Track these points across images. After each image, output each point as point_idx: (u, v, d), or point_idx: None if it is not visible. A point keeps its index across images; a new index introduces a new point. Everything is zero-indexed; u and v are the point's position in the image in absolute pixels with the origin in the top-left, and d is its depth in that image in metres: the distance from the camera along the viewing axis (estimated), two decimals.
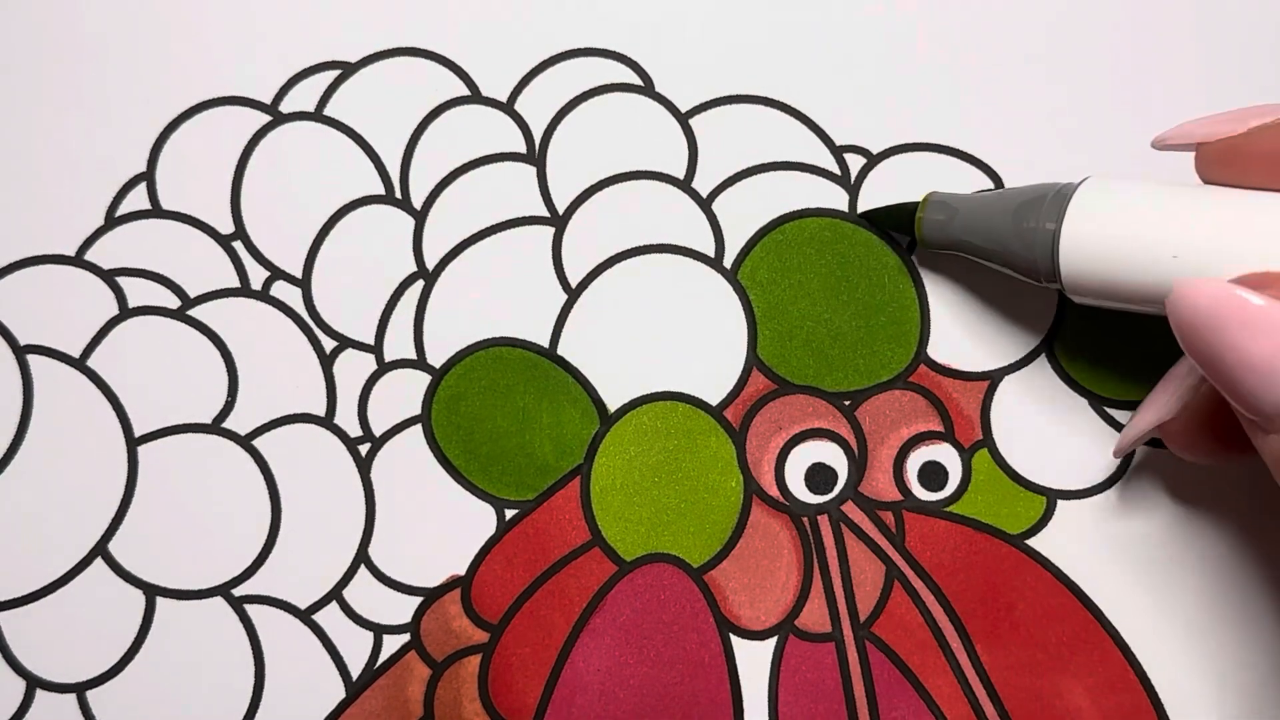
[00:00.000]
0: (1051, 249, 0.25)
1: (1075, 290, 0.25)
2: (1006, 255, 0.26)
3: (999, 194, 0.27)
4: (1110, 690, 0.28)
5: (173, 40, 0.31)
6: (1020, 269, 0.26)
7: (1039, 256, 0.25)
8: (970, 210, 0.27)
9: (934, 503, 0.29)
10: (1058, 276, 0.25)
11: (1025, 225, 0.25)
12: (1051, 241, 0.25)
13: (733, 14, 0.31)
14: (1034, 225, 0.25)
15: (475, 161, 0.30)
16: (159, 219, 0.30)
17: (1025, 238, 0.25)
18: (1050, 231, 0.25)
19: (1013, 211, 0.26)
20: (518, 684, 0.28)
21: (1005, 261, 0.26)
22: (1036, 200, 0.25)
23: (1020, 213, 0.26)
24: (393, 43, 0.31)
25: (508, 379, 0.29)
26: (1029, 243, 0.25)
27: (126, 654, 0.28)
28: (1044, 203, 0.25)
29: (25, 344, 0.29)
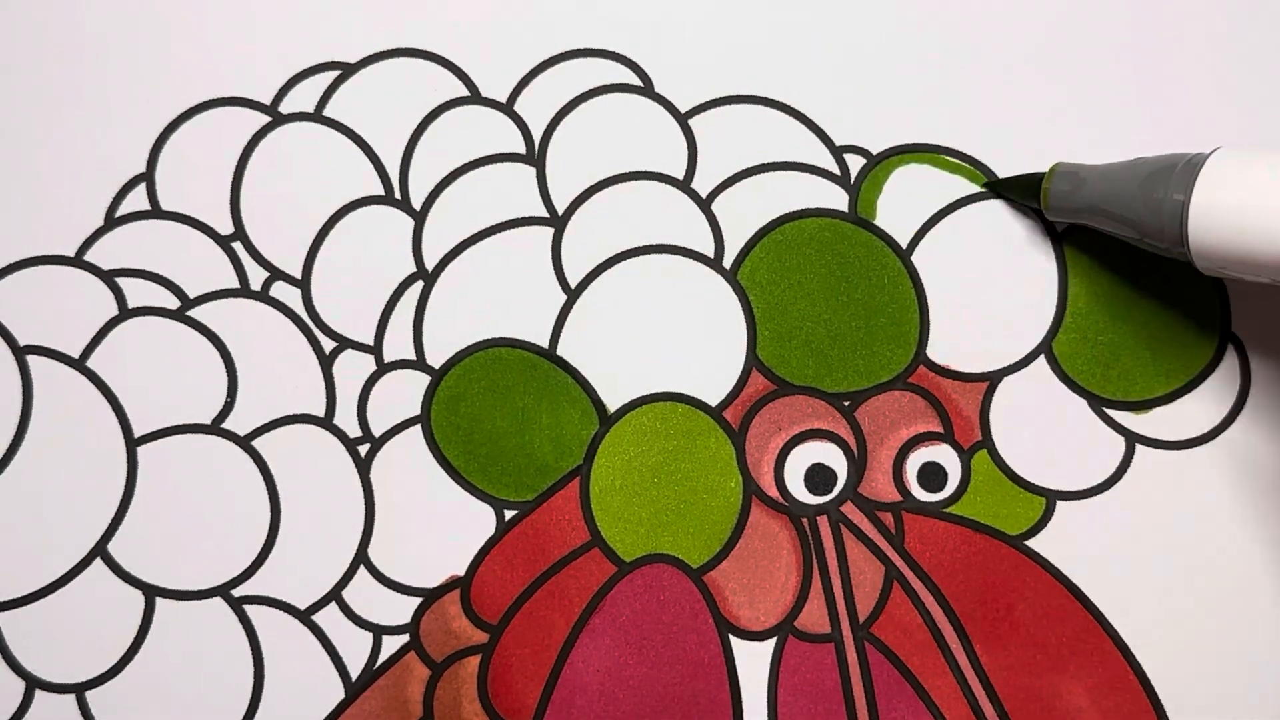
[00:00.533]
0: (1180, 219, 0.25)
1: (1204, 259, 0.25)
2: (1136, 224, 0.26)
3: (1128, 164, 0.27)
4: (1110, 690, 0.28)
5: (173, 41, 0.31)
6: (1150, 236, 0.26)
7: (1167, 226, 0.25)
8: (1098, 180, 0.28)
9: (933, 503, 0.29)
10: (1186, 246, 0.25)
11: (1154, 195, 0.26)
12: (1181, 212, 0.25)
13: (732, 15, 0.31)
14: (1162, 196, 0.26)
15: (475, 162, 0.30)
16: (159, 219, 0.30)
17: (1154, 207, 0.26)
18: (1179, 202, 0.25)
19: (1141, 181, 0.26)
20: (517, 684, 0.28)
21: (1135, 229, 0.27)
22: (1165, 170, 0.26)
23: (1149, 182, 0.26)
24: (392, 43, 0.31)
25: (507, 379, 0.29)
26: (1158, 212, 0.26)
27: (126, 654, 0.28)
28: (1173, 173, 0.26)
29: (25, 344, 0.29)
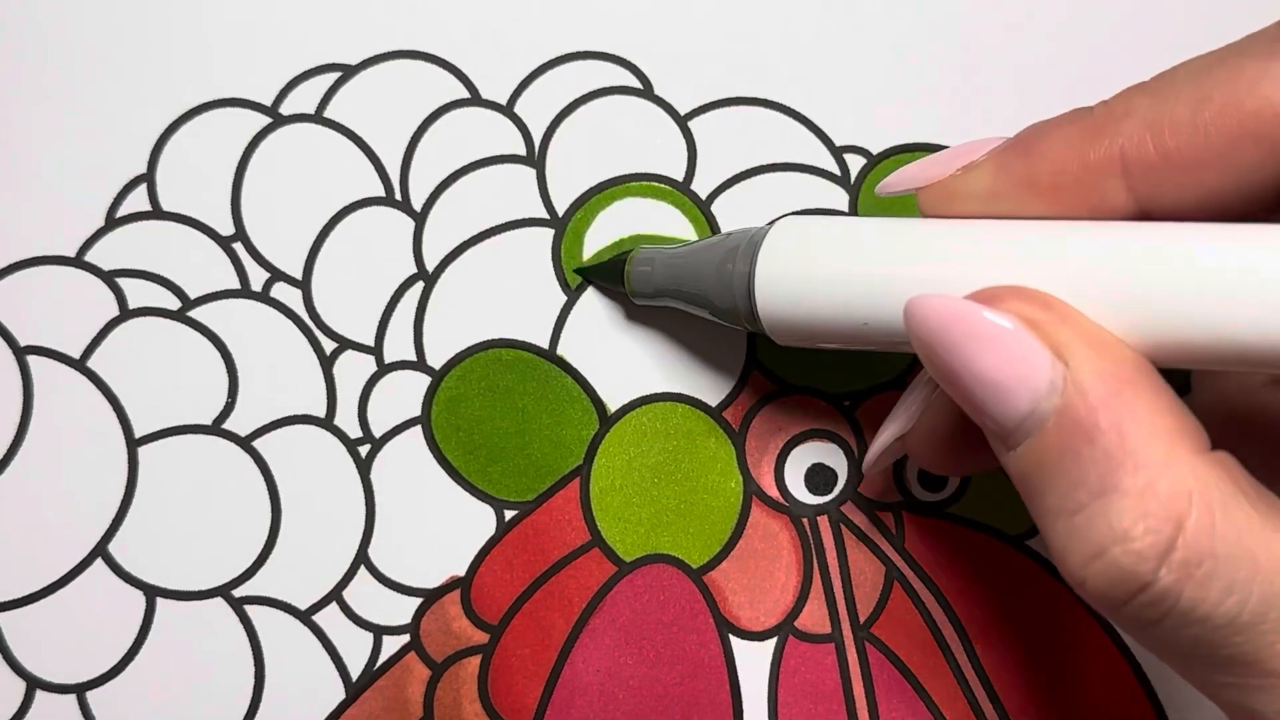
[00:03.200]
0: (749, 293, 0.24)
1: (776, 332, 0.25)
2: (709, 302, 0.26)
3: (703, 242, 0.27)
4: (1110, 690, 0.28)
5: (173, 42, 0.31)
6: (725, 315, 0.26)
7: (739, 301, 0.25)
8: (674, 260, 0.27)
9: (933, 503, 0.29)
10: (756, 319, 0.24)
11: (724, 270, 0.25)
12: (748, 285, 0.24)
13: (732, 16, 0.31)
14: (731, 269, 0.25)
15: (475, 163, 0.30)
16: (159, 220, 0.30)
17: (725, 282, 0.25)
18: (745, 274, 0.24)
19: (714, 258, 0.26)
20: (517, 685, 0.28)
21: (710, 309, 0.26)
22: (734, 244, 0.25)
23: (720, 258, 0.25)
24: (392, 45, 0.31)
25: (507, 380, 0.29)
26: (728, 287, 0.25)
27: (126, 655, 0.28)
28: (740, 246, 0.25)
29: (25, 345, 0.29)
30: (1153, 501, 0.18)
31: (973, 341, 0.20)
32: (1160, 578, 0.18)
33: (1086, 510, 0.18)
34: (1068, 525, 0.19)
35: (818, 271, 0.23)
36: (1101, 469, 0.18)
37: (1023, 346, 0.19)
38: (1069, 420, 0.19)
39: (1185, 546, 0.18)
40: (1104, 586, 0.18)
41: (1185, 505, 0.18)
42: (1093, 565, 0.18)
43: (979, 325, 0.20)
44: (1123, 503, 0.18)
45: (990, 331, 0.19)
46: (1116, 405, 0.19)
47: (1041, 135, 0.22)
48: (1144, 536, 0.18)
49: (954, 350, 0.20)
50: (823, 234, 0.24)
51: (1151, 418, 0.19)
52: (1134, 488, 0.18)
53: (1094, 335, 0.19)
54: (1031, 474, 0.20)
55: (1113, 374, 0.19)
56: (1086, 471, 0.19)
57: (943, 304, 0.20)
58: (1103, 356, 0.19)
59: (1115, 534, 0.18)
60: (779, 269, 0.24)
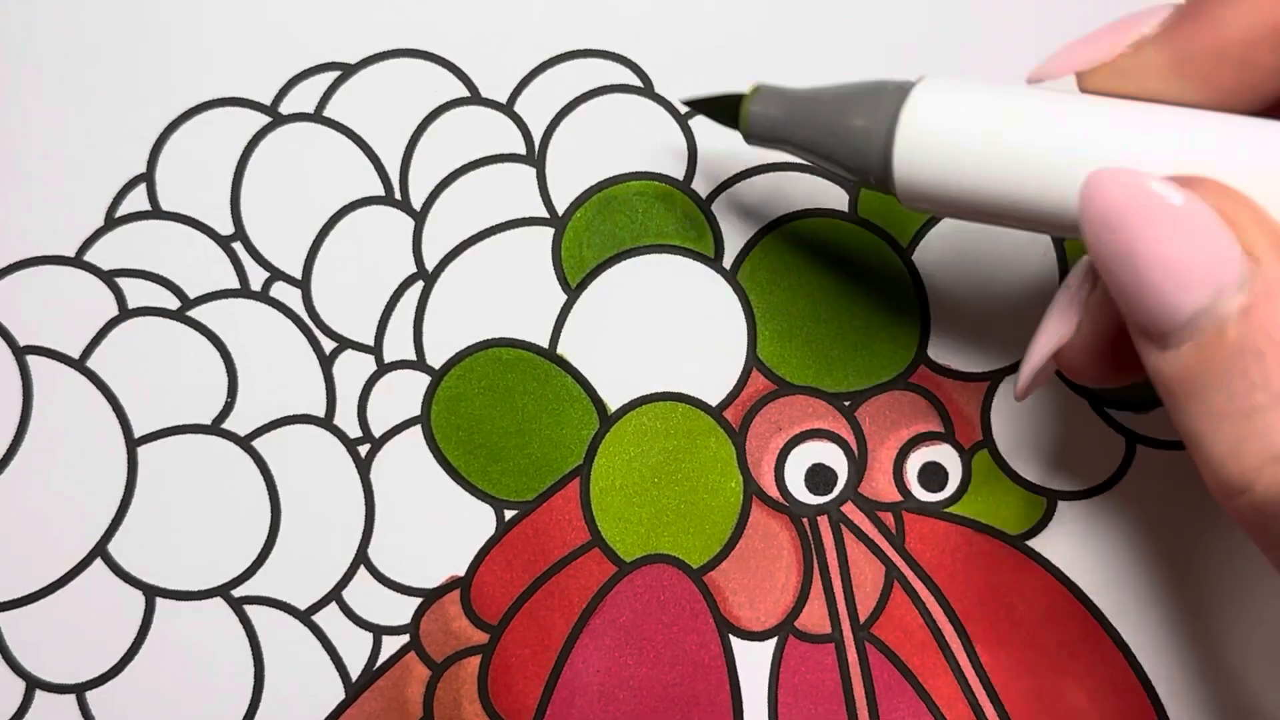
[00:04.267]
0: (885, 150, 0.23)
1: (908, 193, 0.23)
2: (838, 153, 0.24)
3: (835, 88, 0.24)
4: (1110, 691, 0.28)
5: (173, 41, 0.31)
6: (851, 167, 0.24)
7: (872, 157, 0.23)
8: (802, 103, 0.25)
9: (934, 503, 0.29)
10: (891, 180, 0.23)
11: (856, 124, 0.23)
12: (886, 142, 0.22)
13: (732, 14, 0.31)
14: (867, 124, 0.23)
15: (475, 162, 0.30)
16: (159, 220, 0.30)
17: (858, 136, 0.23)
18: (884, 131, 0.23)
19: (846, 107, 0.24)
20: (517, 685, 0.28)
21: (835, 161, 0.24)
22: (872, 96, 0.23)
23: (854, 108, 0.23)
24: (392, 44, 0.31)
25: (507, 380, 0.29)
26: (863, 141, 0.23)
27: (126, 655, 0.28)
28: (880, 99, 0.23)
29: (25, 345, 0.29)
30: None
31: (1158, 222, 0.18)
32: None
33: (1265, 413, 0.17)
34: (1239, 429, 0.17)
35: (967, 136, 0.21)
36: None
37: (1213, 234, 0.18)
38: (1256, 320, 0.17)
39: None
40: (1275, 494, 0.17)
41: None
42: (1266, 470, 0.17)
43: (1167, 206, 0.18)
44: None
45: (1179, 214, 0.18)
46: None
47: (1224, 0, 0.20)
48: None
49: (1135, 230, 0.18)
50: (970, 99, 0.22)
51: None
52: None
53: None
54: (1197, 375, 0.18)
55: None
56: (1269, 374, 0.17)
57: (1129, 179, 0.18)
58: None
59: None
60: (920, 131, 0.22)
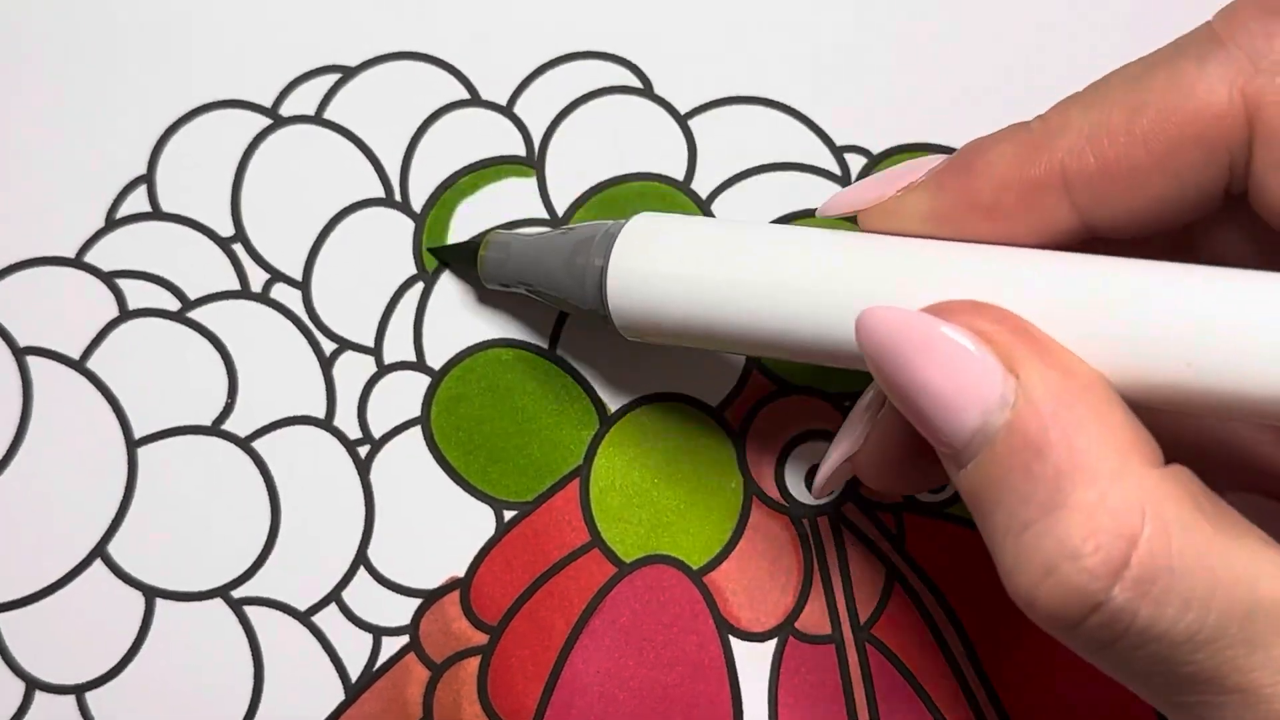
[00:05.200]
0: (600, 286, 0.24)
1: (625, 325, 0.24)
2: (562, 292, 0.26)
3: (558, 233, 0.26)
4: (1110, 691, 0.28)
5: (173, 43, 0.31)
6: (575, 304, 0.25)
7: (589, 294, 0.25)
8: (529, 248, 0.27)
9: (934, 504, 0.29)
10: (607, 313, 0.24)
11: (578, 262, 0.25)
12: (600, 279, 0.24)
13: (732, 15, 0.31)
14: (584, 262, 0.25)
15: (475, 164, 0.30)
16: (159, 221, 0.30)
17: (578, 275, 0.25)
18: (599, 268, 0.24)
19: (569, 249, 0.25)
20: (517, 686, 0.28)
21: (563, 297, 0.26)
22: (590, 237, 0.25)
23: (576, 249, 0.25)
24: (392, 46, 0.31)
25: (507, 380, 0.29)
26: (581, 280, 0.25)
27: (126, 656, 0.28)
28: (595, 239, 0.25)
29: (25, 346, 0.29)
30: (1104, 517, 0.17)
31: (924, 354, 0.19)
32: (1114, 596, 0.17)
33: (1035, 527, 0.18)
34: (1016, 543, 0.18)
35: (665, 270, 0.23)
36: (1051, 484, 0.18)
37: (974, 359, 0.19)
38: (1019, 434, 0.18)
39: (1139, 563, 0.17)
40: (1055, 607, 0.18)
41: (1138, 520, 0.17)
42: (1043, 585, 0.18)
43: (931, 338, 0.19)
44: (1073, 518, 0.17)
45: (942, 344, 0.19)
46: (1068, 418, 0.18)
47: (980, 153, 0.21)
48: (1095, 553, 0.17)
49: (905, 363, 0.19)
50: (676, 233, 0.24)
51: (1103, 431, 0.18)
52: (1084, 502, 0.17)
53: (1047, 348, 0.19)
54: (981, 491, 0.19)
55: (1065, 387, 0.18)
56: (1036, 487, 0.18)
57: (895, 315, 0.20)
58: (1054, 369, 0.18)
59: (1065, 550, 0.17)
60: (629, 265, 0.24)
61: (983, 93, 0.30)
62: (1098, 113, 0.20)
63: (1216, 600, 0.17)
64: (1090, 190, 0.20)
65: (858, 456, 0.24)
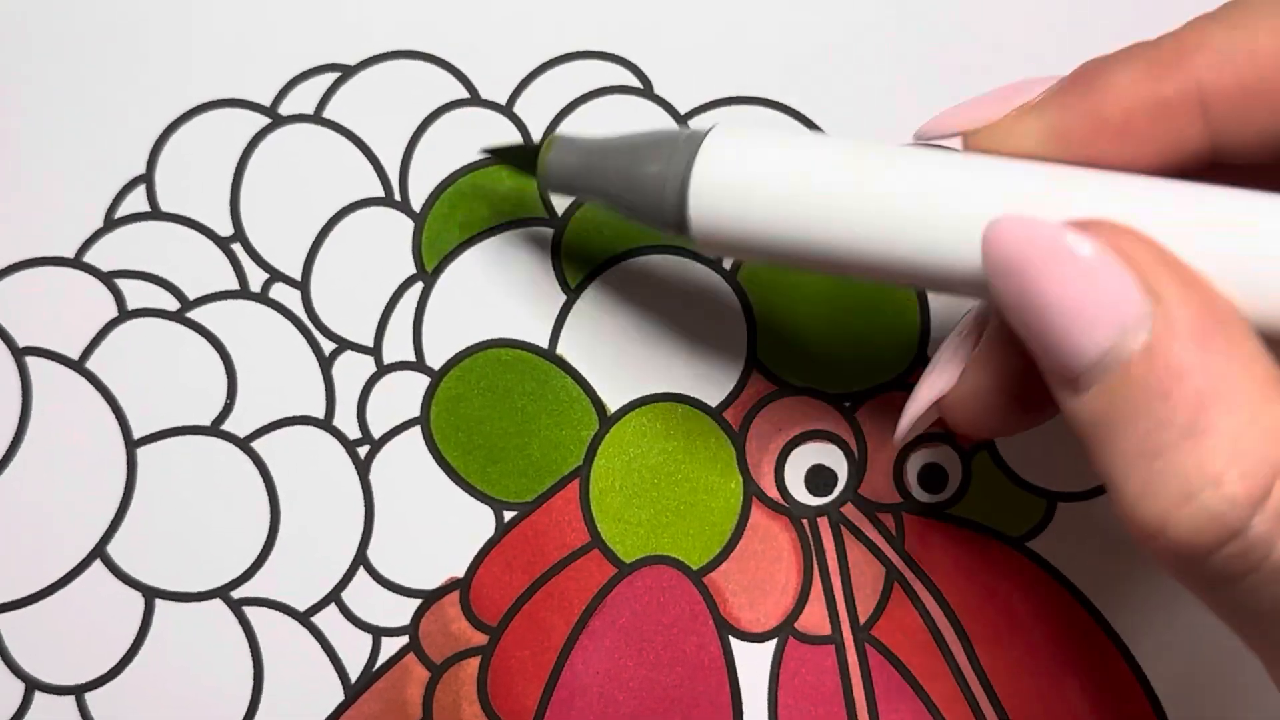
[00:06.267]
0: (680, 196, 0.22)
1: (705, 239, 0.23)
2: (634, 200, 0.24)
3: (630, 136, 0.24)
4: (1110, 691, 0.28)
5: (172, 42, 0.31)
6: (647, 213, 0.24)
7: (667, 203, 0.23)
8: (599, 152, 0.25)
9: (934, 505, 0.29)
10: (687, 225, 0.23)
11: (651, 171, 0.23)
12: (680, 189, 0.22)
13: (732, 15, 0.31)
14: (662, 170, 0.23)
15: (475, 164, 0.30)
16: (158, 221, 0.30)
17: (654, 183, 0.23)
18: (679, 178, 0.22)
19: (641, 154, 0.23)
20: (517, 686, 0.28)
21: (630, 207, 0.24)
22: (667, 143, 0.23)
23: (649, 156, 0.23)
24: (392, 45, 0.31)
25: (507, 380, 0.29)
26: (658, 188, 0.23)
27: (125, 656, 0.28)
28: (675, 146, 0.23)
29: (24, 346, 0.29)
30: (1249, 443, 0.17)
31: (1058, 266, 0.18)
32: (1254, 525, 0.16)
33: (1172, 452, 0.17)
34: (1150, 468, 0.17)
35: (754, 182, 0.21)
36: (1193, 408, 0.17)
37: (1113, 275, 0.18)
38: (1159, 357, 0.17)
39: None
40: (1188, 534, 0.17)
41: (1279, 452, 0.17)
42: (1179, 511, 0.17)
43: (1066, 250, 0.18)
44: (1216, 443, 0.17)
45: (1078, 257, 0.18)
46: (1209, 345, 0.17)
47: (1106, 71, 0.20)
48: (1239, 480, 0.17)
49: (1036, 275, 0.18)
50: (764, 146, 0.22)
51: (1247, 362, 0.17)
52: (1229, 428, 0.17)
53: (1188, 275, 0.18)
54: (1105, 417, 0.18)
55: (1206, 314, 0.18)
56: (1175, 411, 0.17)
57: (1026, 225, 0.19)
58: (1195, 298, 0.18)
59: (1206, 476, 0.17)
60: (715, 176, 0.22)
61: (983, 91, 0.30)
62: (1241, 31, 0.19)
63: None
64: (1229, 113, 0.19)
65: (949, 396, 0.23)
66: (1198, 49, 0.20)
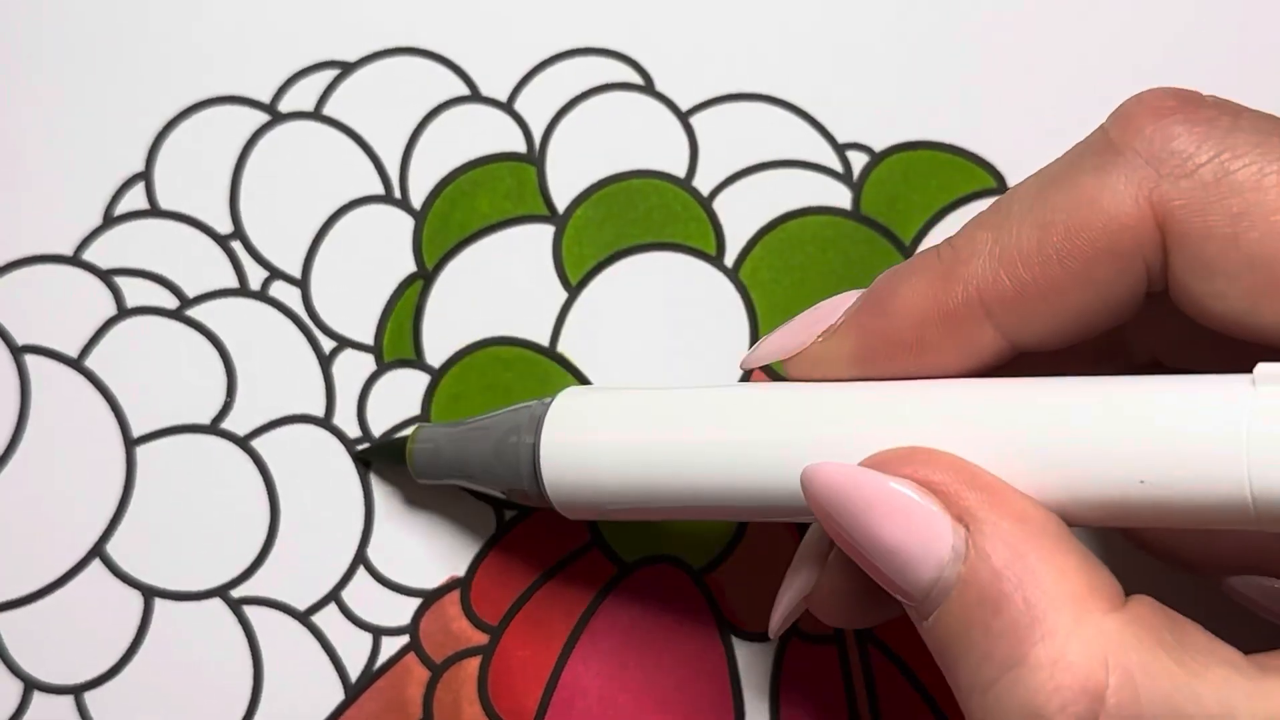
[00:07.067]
0: (534, 465, 0.24)
1: (565, 505, 0.24)
2: (495, 479, 0.25)
3: (485, 416, 0.26)
4: None
5: (171, 39, 0.30)
6: (510, 489, 0.25)
7: (524, 475, 0.24)
8: (457, 437, 0.26)
9: None
10: (543, 492, 0.24)
11: (509, 443, 0.24)
12: (533, 457, 0.24)
13: (733, 11, 0.31)
14: (516, 441, 0.24)
15: (475, 161, 0.30)
16: (157, 218, 0.30)
17: (510, 457, 0.24)
18: (530, 446, 0.24)
19: (498, 432, 0.25)
20: (517, 686, 0.28)
21: (497, 484, 0.25)
22: (518, 416, 0.24)
23: (505, 432, 0.25)
24: (391, 42, 0.31)
25: (507, 379, 0.29)
26: (515, 462, 0.24)
27: (124, 656, 0.28)
28: (524, 418, 0.24)
29: (22, 344, 0.29)
30: (1065, 673, 0.17)
31: (873, 510, 0.19)
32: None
33: (997, 687, 0.17)
34: (981, 703, 0.18)
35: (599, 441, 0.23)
36: (1010, 640, 0.17)
37: (922, 513, 0.18)
38: (973, 589, 0.18)
39: (1109, 718, 0.17)
40: None
41: (1101, 672, 0.17)
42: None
43: (878, 493, 0.19)
44: (1034, 676, 0.17)
45: (888, 499, 0.19)
46: (1021, 568, 0.18)
47: (894, 290, 0.21)
48: (1060, 713, 0.17)
49: (855, 520, 0.19)
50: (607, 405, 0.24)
51: (1058, 579, 0.18)
52: (1044, 659, 0.17)
53: (996, 493, 0.18)
54: (944, 646, 0.19)
55: (1016, 534, 0.18)
56: (995, 644, 0.17)
57: (839, 471, 0.19)
58: (1005, 516, 0.18)
59: (1030, 712, 0.17)
60: (562, 439, 0.23)
61: (985, 89, 0.30)
62: (1006, 235, 0.20)
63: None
64: (1010, 313, 0.20)
65: (812, 596, 0.24)
66: (971, 257, 0.20)
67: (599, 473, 0.23)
